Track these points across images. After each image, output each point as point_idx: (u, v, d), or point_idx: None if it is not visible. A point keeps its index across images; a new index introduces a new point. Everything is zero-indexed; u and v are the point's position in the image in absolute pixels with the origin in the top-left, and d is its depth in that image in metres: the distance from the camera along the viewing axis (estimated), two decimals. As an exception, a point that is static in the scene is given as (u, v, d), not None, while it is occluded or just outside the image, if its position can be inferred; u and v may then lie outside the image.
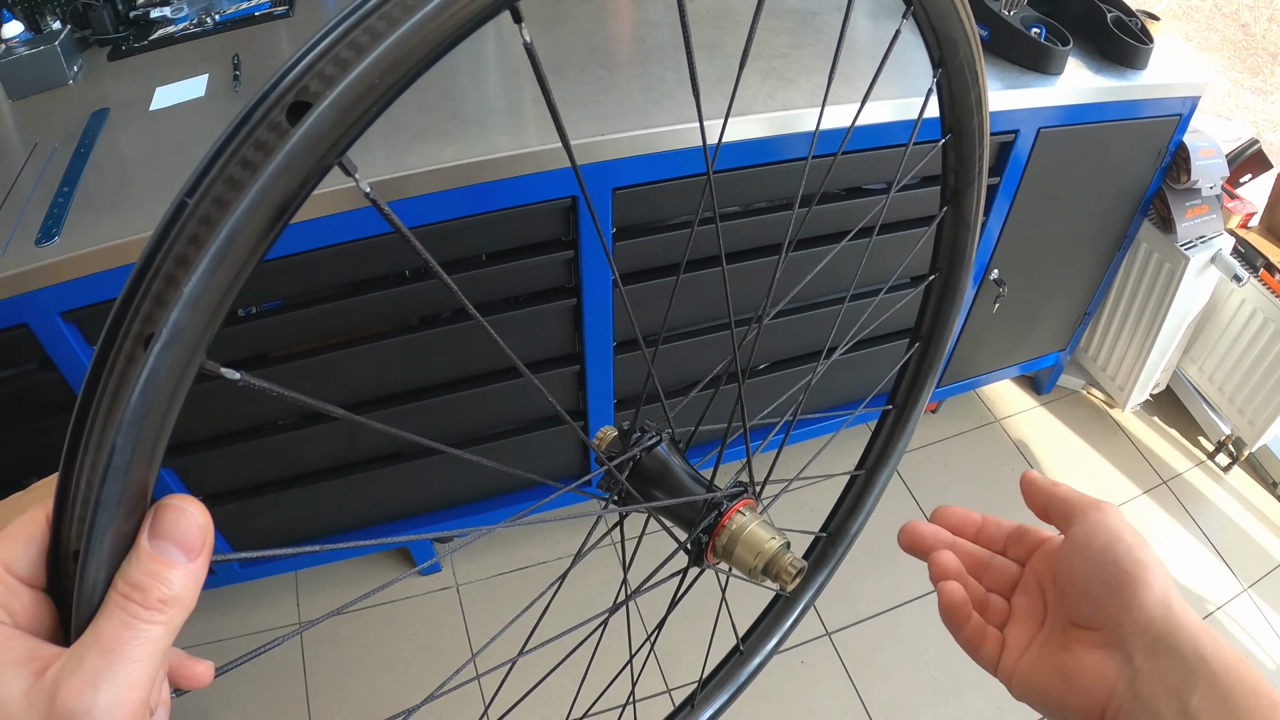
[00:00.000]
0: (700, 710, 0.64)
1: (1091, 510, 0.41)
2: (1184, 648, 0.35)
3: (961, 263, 0.60)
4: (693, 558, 0.50)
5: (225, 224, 0.22)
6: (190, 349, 0.23)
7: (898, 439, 0.66)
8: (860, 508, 0.67)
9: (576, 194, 1.09)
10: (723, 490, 0.49)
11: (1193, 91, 1.44)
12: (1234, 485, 1.84)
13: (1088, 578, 0.39)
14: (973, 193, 0.56)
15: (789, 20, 1.35)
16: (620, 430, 0.51)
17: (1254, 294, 1.63)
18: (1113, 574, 0.38)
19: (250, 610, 1.58)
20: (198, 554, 0.25)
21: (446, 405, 1.30)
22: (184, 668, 0.29)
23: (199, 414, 1.21)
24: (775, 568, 0.46)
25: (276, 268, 1.05)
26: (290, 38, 1.29)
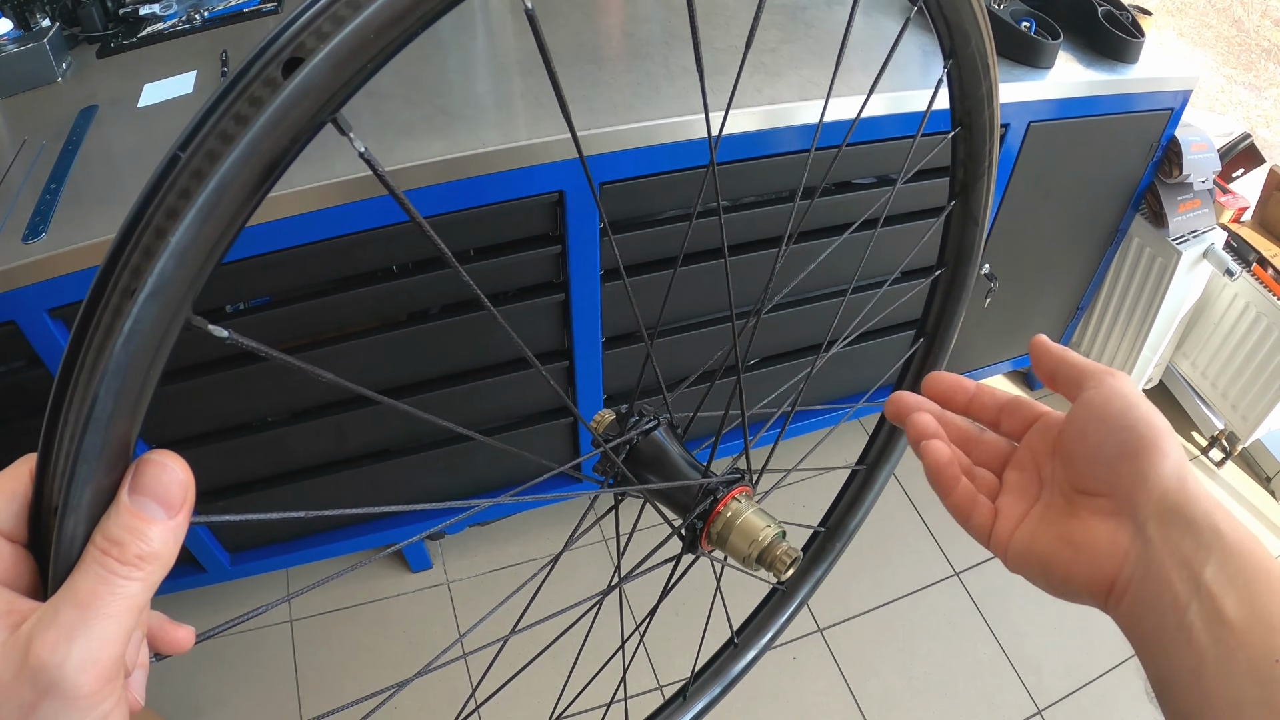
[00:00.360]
0: (692, 702, 0.64)
1: (1106, 376, 0.39)
2: (1199, 519, 0.34)
3: (969, 258, 0.60)
4: (687, 544, 0.49)
5: (214, 176, 0.22)
6: (176, 301, 0.23)
7: (900, 435, 0.66)
8: (860, 504, 0.67)
9: (564, 188, 1.09)
10: (719, 476, 0.48)
11: (1184, 85, 1.44)
12: (1227, 480, 1.84)
13: (1102, 442, 0.37)
14: (982, 186, 0.56)
15: (778, 15, 1.35)
16: (617, 414, 0.50)
17: (1246, 288, 1.63)
18: (1129, 439, 0.36)
19: (241, 607, 1.58)
20: (178, 510, 0.25)
21: (435, 402, 1.30)
22: (164, 632, 0.29)
23: (190, 411, 1.21)
24: (770, 556, 0.45)
25: (264, 263, 1.05)
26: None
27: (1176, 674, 0.33)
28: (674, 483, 0.47)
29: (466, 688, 1.39)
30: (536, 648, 0.55)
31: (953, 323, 0.62)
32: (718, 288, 1.34)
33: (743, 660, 0.66)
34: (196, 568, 1.43)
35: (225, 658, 1.51)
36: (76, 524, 0.24)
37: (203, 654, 1.52)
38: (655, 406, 0.50)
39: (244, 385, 1.19)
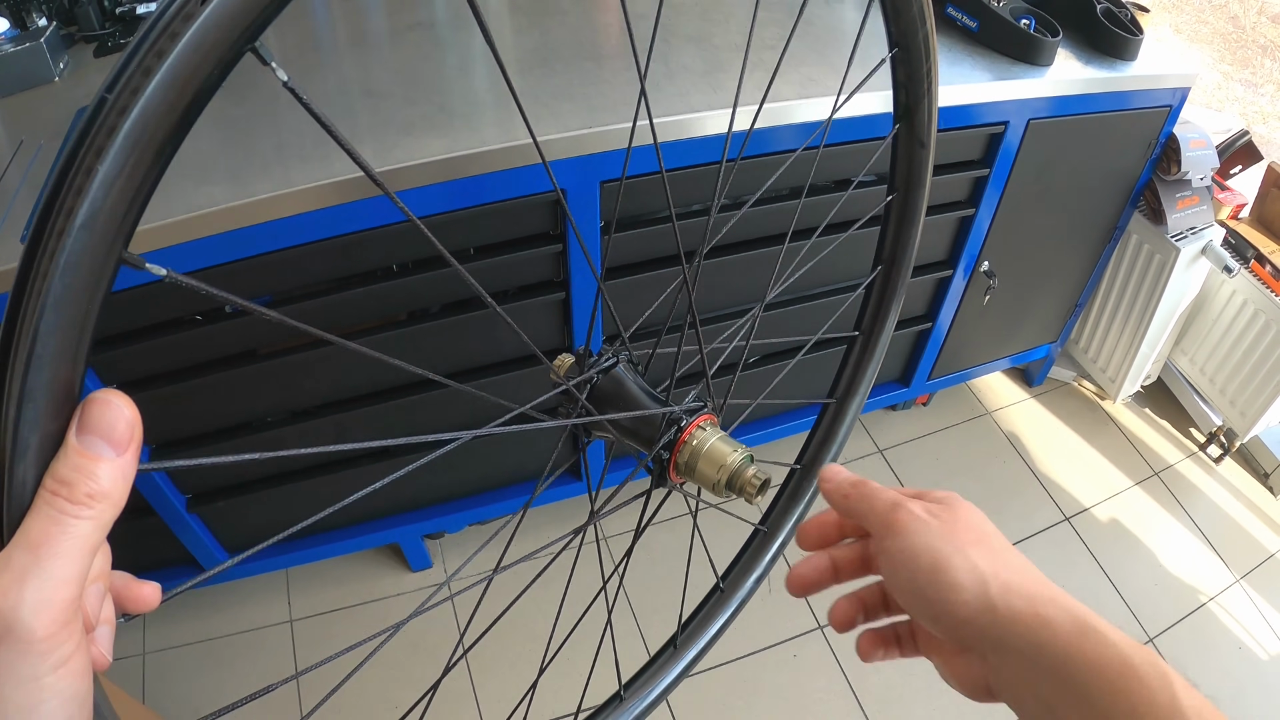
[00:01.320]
0: (683, 651, 0.63)
1: (884, 536, 0.40)
2: (1019, 646, 0.35)
3: (919, 182, 0.59)
4: (655, 477, 0.49)
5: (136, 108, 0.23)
6: (108, 233, 0.23)
7: (866, 366, 0.66)
8: (833, 438, 0.67)
9: (565, 187, 1.09)
10: (681, 406, 0.48)
11: (1183, 83, 1.44)
12: (1225, 476, 1.84)
13: (909, 607, 0.40)
14: (924, 108, 0.55)
15: (777, 12, 1.35)
16: (577, 356, 0.50)
17: (1244, 285, 1.64)
18: (923, 604, 0.38)
19: (241, 607, 1.58)
20: (125, 448, 0.25)
21: (434, 400, 1.30)
22: (129, 589, 0.29)
23: (189, 410, 1.20)
24: (740, 481, 0.45)
25: (264, 263, 1.05)
26: (277, 31, 1.28)
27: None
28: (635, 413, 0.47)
29: (452, 633, 1.39)
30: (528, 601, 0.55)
31: (908, 248, 0.62)
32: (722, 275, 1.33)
33: (731, 605, 0.65)
34: (197, 568, 1.43)
35: (225, 658, 1.51)
36: (26, 470, 0.24)
37: (203, 654, 1.52)
38: (615, 346, 0.50)
39: (243, 385, 1.18)
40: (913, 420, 1.93)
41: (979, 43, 1.35)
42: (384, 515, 1.50)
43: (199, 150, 1.05)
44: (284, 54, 1.23)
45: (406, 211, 0.33)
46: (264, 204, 1.00)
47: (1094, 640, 0.34)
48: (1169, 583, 1.65)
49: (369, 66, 1.19)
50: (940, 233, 1.50)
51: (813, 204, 1.30)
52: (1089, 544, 1.70)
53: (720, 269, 1.30)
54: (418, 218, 1.11)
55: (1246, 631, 1.57)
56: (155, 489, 1.26)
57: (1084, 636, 0.34)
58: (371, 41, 1.26)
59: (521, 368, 1.30)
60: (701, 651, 0.64)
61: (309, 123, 1.07)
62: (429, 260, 1.14)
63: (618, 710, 0.59)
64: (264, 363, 1.17)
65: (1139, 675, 0.32)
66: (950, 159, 1.38)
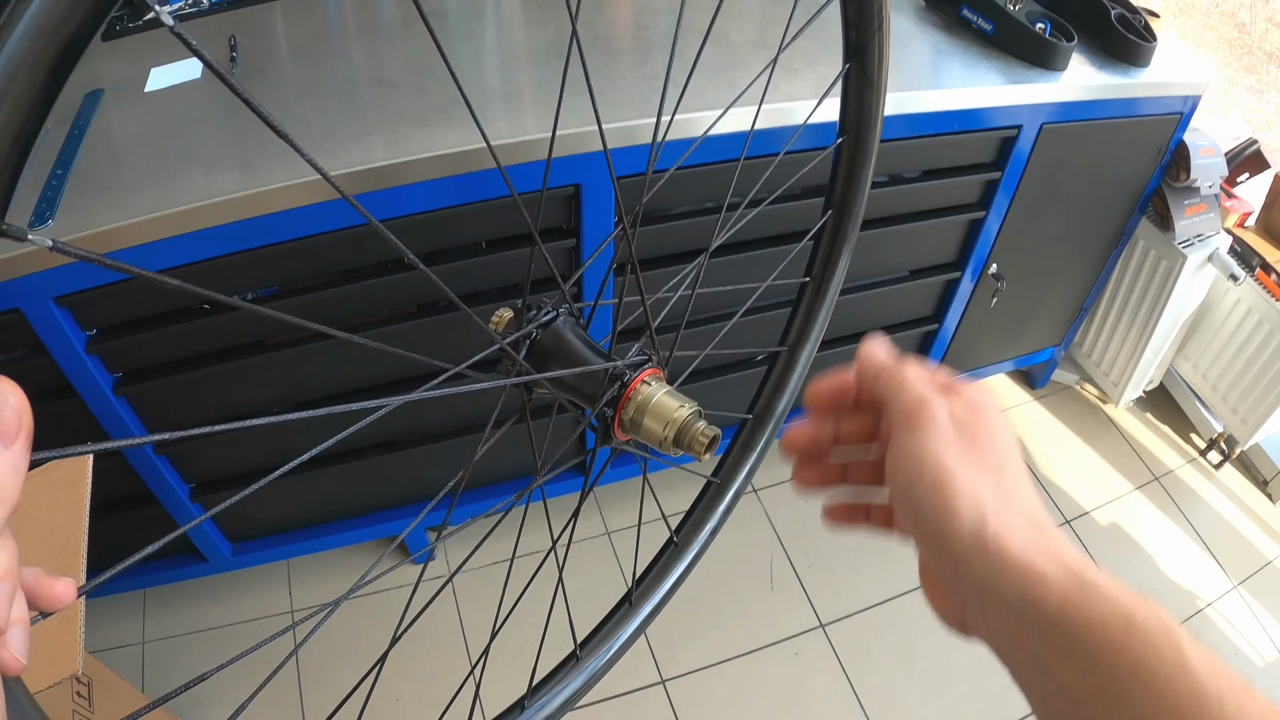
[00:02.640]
0: (639, 607, 0.61)
1: (899, 430, 0.37)
2: (1009, 596, 0.32)
3: (870, 124, 0.57)
4: (600, 435, 0.47)
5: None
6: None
7: (817, 312, 0.64)
8: (784, 386, 0.65)
9: (580, 182, 1.08)
10: (624, 360, 0.46)
11: (1194, 90, 1.44)
12: (1225, 483, 1.85)
13: (900, 515, 0.37)
14: (874, 47, 0.54)
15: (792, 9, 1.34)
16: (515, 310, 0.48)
17: (1249, 293, 1.64)
18: (916, 519, 0.35)
19: (242, 598, 1.57)
20: (13, 439, 0.23)
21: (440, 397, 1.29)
22: (42, 586, 0.26)
23: (193, 401, 1.19)
24: (688, 436, 0.43)
25: (273, 254, 1.04)
26: (286, 18, 1.27)
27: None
28: (576, 370, 0.45)
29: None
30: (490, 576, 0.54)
31: (859, 193, 0.60)
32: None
33: (685, 558, 0.63)
34: (198, 558, 1.42)
35: (226, 649, 1.51)
36: None
37: (203, 643, 1.51)
38: (554, 299, 0.48)
39: (248, 376, 1.17)
40: (915, 421, 1.93)
41: (994, 46, 1.35)
42: (387, 507, 1.49)
43: (209, 140, 1.04)
44: (293, 41, 1.22)
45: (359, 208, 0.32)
46: (273, 194, 0.99)
47: (1092, 595, 0.31)
48: (1167, 587, 1.66)
49: (381, 56, 1.18)
50: (950, 235, 1.50)
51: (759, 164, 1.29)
52: (1089, 547, 1.71)
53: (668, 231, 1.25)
54: (431, 211, 1.10)
55: (1243, 637, 1.58)
56: (158, 478, 1.25)
57: (1081, 591, 0.31)
58: (383, 31, 1.25)
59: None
60: (657, 606, 0.62)
61: (319, 114, 1.07)
62: (440, 253, 1.13)
63: (574, 670, 0.57)
64: (271, 353, 1.16)
65: (1143, 630, 0.29)
66: (963, 161, 1.38)
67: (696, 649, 1.51)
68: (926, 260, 1.53)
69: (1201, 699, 0.28)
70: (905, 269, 1.54)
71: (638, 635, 0.60)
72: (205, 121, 1.07)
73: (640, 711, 1.44)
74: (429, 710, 1.44)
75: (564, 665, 0.57)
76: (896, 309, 1.60)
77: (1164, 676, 0.28)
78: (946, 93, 1.24)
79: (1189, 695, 0.28)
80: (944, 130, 1.28)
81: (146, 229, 0.97)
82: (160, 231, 0.97)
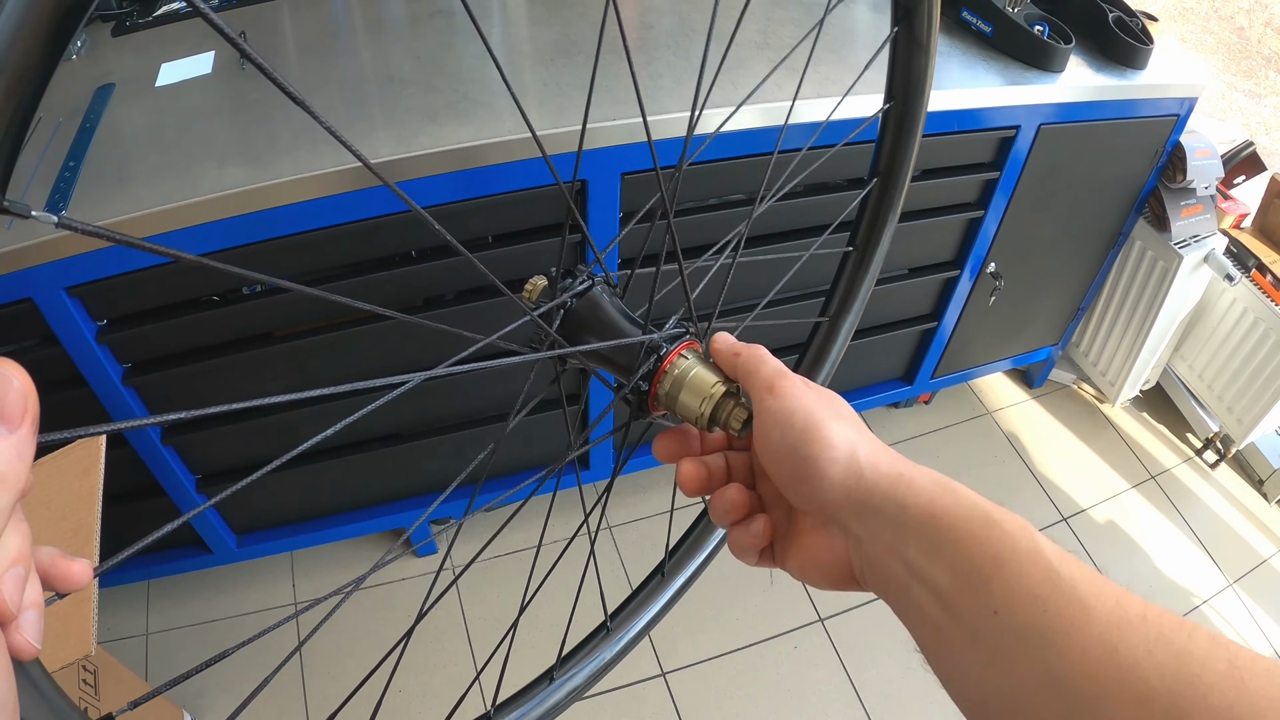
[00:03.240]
0: (672, 578, 0.60)
1: (764, 396, 0.39)
2: (885, 507, 0.35)
3: (919, 89, 0.56)
4: (634, 409, 0.45)
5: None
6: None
7: (860, 282, 0.63)
8: (824, 358, 0.64)
9: (586, 178, 1.10)
10: (662, 333, 0.44)
11: (1191, 93, 1.45)
12: (1221, 482, 1.87)
13: (778, 471, 0.39)
14: (924, 9, 0.52)
15: (795, 11, 1.36)
16: (549, 278, 0.46)
17: (1245, 294, 1.66)
18: (794, 464, 0.37)
19: (246, 590, 1.58)
20: (18, 423, 0.23)
21: (449, 385, 1.31)
22: (57, 568, 0.26)
23: (201, 391, 1.21)
24: (724, 413, 0.42)
25: (283, 246, 1.05)
26: (294, 16, 1.29)
27: (925, 643, 0.34)
28: (609, 343, 0.44)
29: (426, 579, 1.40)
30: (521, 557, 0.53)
31: (905, 161, 0.59)
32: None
33: (718, 532, 0.62)
34: (203, 549, 1.44)
35: (229, 641, 1.52)
36: None
37: (206, 636, 1.52)
38: (589, 267, 0.47)
39: (256, 367, 1.19)
40: (914, 418, 1.95)
41: (993, 47, 1.36)
42: (391, 500, 1.51)
43: (220, 134, 1.06)
44: (302, 39, 1.24)
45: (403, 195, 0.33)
46: (284, 187, 1.00)
47: (954, 495, 0.34)
48: (1163, 585, 1.67)
49: (390, 54, 1.19)
50: (948, 234, 1.51)
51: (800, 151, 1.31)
52: (1085, 544, 1.72)
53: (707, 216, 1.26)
54: (437, 205, 1.12)
55: (1239, 635, 1.60)
56: (165, 469, 1.26)
57: (945, 492, 0.34)
58: (391, 29, 1.26)
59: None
60: (691, 578, 0.61)
61: (332, 107, 1.08)
62: (446, 247, 1.15)
63: (605, 641, 0.56)
64: (278, 345, 1.18)
65: (1000, 525, 0.32)
66: (961, 161, 1.39)
67: (697, 642, 1.53)
68: (925, 258, 1.55)
69: (1055, 580, 0.30)
70: (905, 267, 1.55)
71: (668, 609, 0.59)
72: (215, 116, 1.09)
73: (641, 703, 1.46)
74: (432, 701, 1.45)
75: (594, 635, 0.57)
76: (896, 306, 1.61)
77: (1020, 564, 0.31)
78: (946, 93, 1.26)
79: (1044, 579, 0.30)
80: (943, 130, 1.30)
81: (158, 220, 0.98)
82: (172, 223, 0.99)
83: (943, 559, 0.33)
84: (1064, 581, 0.30)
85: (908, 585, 0.34)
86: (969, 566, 0.32)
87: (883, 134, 0.58)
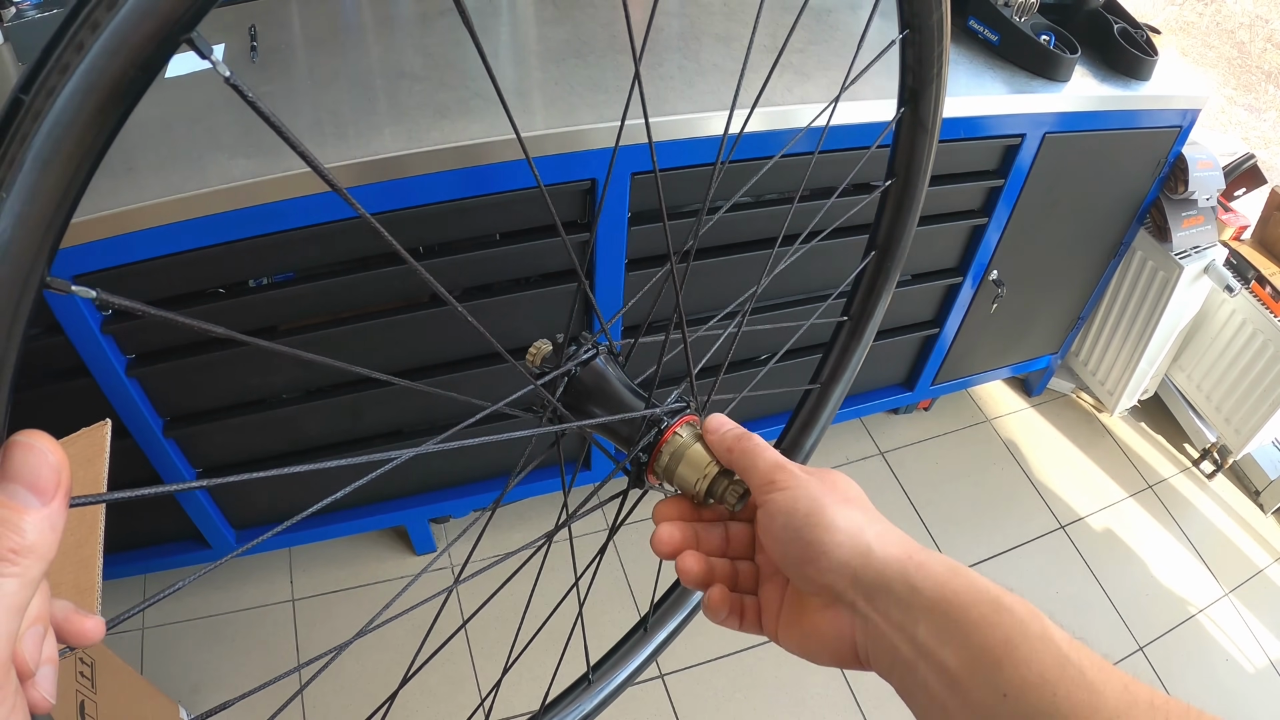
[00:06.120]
0: (654, 633, 0.62)
1: (768, 489, 0.40)
2: (894, 586, 0.36)
3: (919, 168, 0.58)
4: (633, 478, 0.47)
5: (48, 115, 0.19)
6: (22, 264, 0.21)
7: (852, 352, 0.65)
8: (814, 423, 0.66)
9: (596, 176, 1.10)
10: (663, 406, 0.45)
11: (1193, 104, 1.47)
12: (1217, 492, 1.88)
13: (783, 555, 0.40)
14: (931, 92, 0.54)
15: (804, 17, 1.37)
16: (555, 344, 0.48)
17: (1244, 305, 1.67)
18: (799, 549, 0.38)
19: (243, 586, 1.58)
20: (52, 496, 0.23)
21: (454, 384, 1.30)
22: (71, 623, 0.27)
23: (204, 385, 1.20)
24: (720, 488, 0.43)
25: (290, 239, 1.05)
26: (303, 11, 1.29)
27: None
28: (614, 416, 0.45)
29: (421, 631, 1.39)
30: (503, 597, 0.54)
31: (903, 237, 0.60)
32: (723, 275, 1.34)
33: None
34: (202, 544, 1.43)
35: (226, 635, 1.51)
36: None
37: (203, 631, 1.52)
38: (594, 335, 0.48)
39: (260, 361, 1.19)
40: (914, 424, 1.95)
41: (999, 56, 1.37)
42: (390, 498, 1.50)
43: (230, 126, 1.06)
44: (311, 36, 1.24)
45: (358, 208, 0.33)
46: (294, 180, 1.00)
47: (965, 578, 0.35)
48: (1160, 594, 1.68)
49: (401, 50, 1.19)
50: (952, 240, 1.52)
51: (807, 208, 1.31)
52: (1082, 553, 1.73)
53: (711, 269, 1.30)
54: (447, 201, 1.12)
55: (1234, 644, 1.61)
56: (166, 461, 1.26)
57: (955, 575, 0.35)
58: (401, 25, 1.26)
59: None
60: (673, 633, 0.63)
61: (343, 101, 1.08)
62: (455, 243, 1.15)
63: (586, 692, 0.58)
64: (284, 339, 1.17)
65: (1010, 609, 0.33)
66: (966, 168, 1.40)
67: (695, 644, 1.53)
68: (929, 265, 1.55)
69: (1064, 665, 0.31)
70: (908, 273, 1.56)
71: (649, 663, 0.61)
72: (225, 108, 1.09)
73: (639, 705, 1.46)
74: (429, 700, 1.45)
75: (576, 686, 0.58)
76: (898, 312, 1.62)
77: (1031, 648, 0.32)
78: (952, 100, 1.26)
79: (1054, 663, 0.31)
80: (949, 137, 1.31)
81: (167, 210, 0.98)
82: (181, 213, 0.99)
83: (953, 640, 0.33)
84: (1073, 666, 0.31)
85: (915, 665, 0.34)
86: (980, 649, 0.33)
87: (881, 210, 0.60)
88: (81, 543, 0.87)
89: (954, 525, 1.72)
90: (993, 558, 1.67)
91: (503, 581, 0.56)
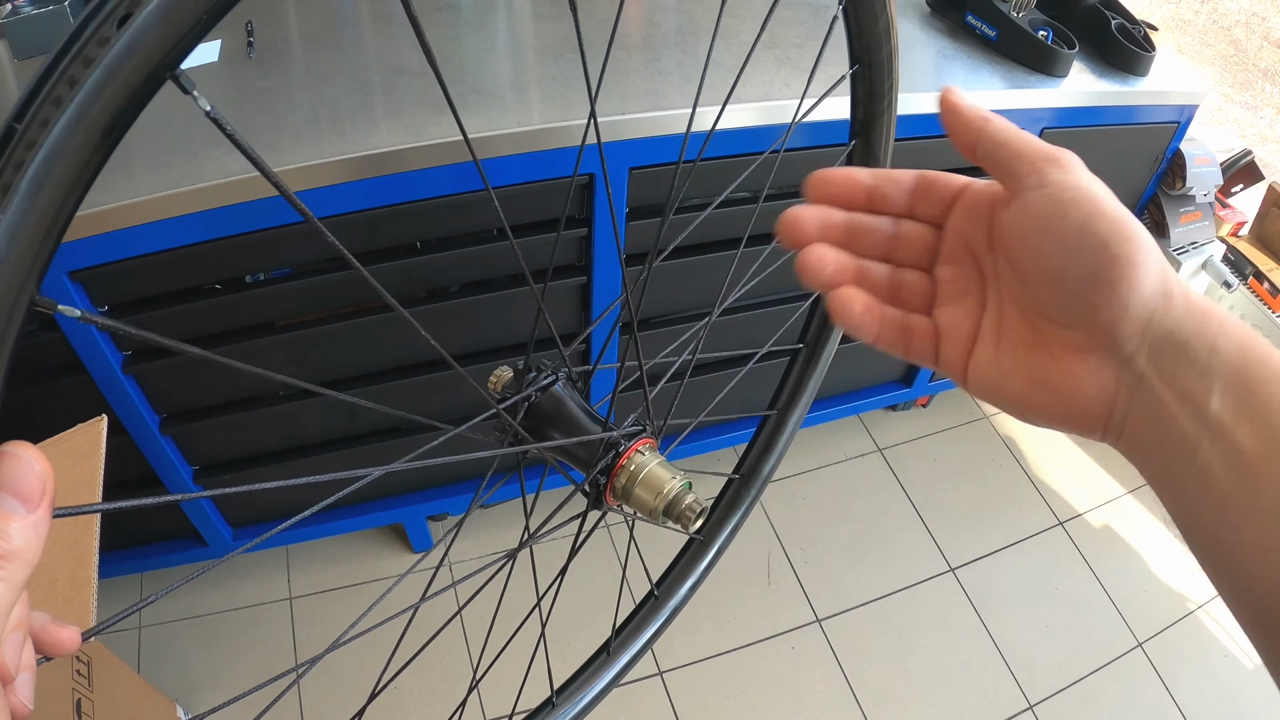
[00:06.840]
0: (616, 657, 0.63)
1: (1051, 168, 0.31)
2: (1193, 342, 0.28)
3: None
4: (591, 500, 0.49)
5: (44, 145, 0.21)
6: (15, 281, 0.21)
7: (809, 378, 0.65)
8: (772, 449, 0.66)
9: (594, 172, 1.10)
10: (620, 430, 0.47)
11: (1191, 100, 1.47)
12: (1215, 488, 1.88)
13: (1064, 267, 0.30)
14: (882, 124, 0.54)
15: (801, 12, 1.37)
16: (515, 371, 0.50)
17: (1242, 301, 1.67)
18: (1098, 261, 0.29)
19: (241, 584, 1.57)
20: (37, 504, 0.24)
21: (444, 381, 1.30)
22: (48, 633, 0.27)
23: (200, 382, 1.20)
24: (677, 509, 0.44)
25: (286, 234, 1.05)
26: (301, 6, 1.28)
27: (1199, 516, 0.28)
28: (572, 439, 0.47)
29: (383, 654, 1.39)
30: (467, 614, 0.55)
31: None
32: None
33: (664, 612, 0.65)
34: (199, 542, 1.42)
35: (223, 634, 1.51)
36: None
37: (200, 629, 1.51)
38: (554, 361, 0.50)
39: (256, 358, 1.18)
40: (912, 421, 1.95)
41: (997, 52, 1.37)
42: (388, 495, 1.50)
43: (230, 120, 1.05)
44: (308, 32, 1.23)
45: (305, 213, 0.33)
46: (293, 174, 1.00)
47: (1267, 347, 0.28)
48: (1159, 589, 1.68)
49: (398, 45, 1.19)
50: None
51: (771, 209, 1.31)
52: (1081, 548, 1.73)
53: (673, 271, 1.29)
54: (445, 196, 1.11)
55: (1233, 640, 1.61)
56: (163, 459, 1.25)
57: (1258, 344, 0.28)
58: (398, 21, 1.26)
59: (540, 351, 1.30)
60: (635, 657, 0.63)
61: (340, 97, 1.08)
62: (453, 238, 1.15)
63: (549, 715, 0.59)
64: (280, 335, 1.17)
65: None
66: (965, 164, 1.40)
67: (694, 642, 1.52)
68: (927, 261, 1.55)
69: None
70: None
71: (611, 687, 0.62)
72: (223, 104, 1.09)
73: (638, 702, 1.45)
74: (428, 698, 1.44)
75: (540, 710, 0.59)
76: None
77: None
78: (951, 95, 1.26)
79: None
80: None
81: (163, 206, 0.98)
82: (177, 208, 0.98)
83: (1256, 416, 0.27)
84: None
85: (1196, 445, 0.28)
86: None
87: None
88: (78, 538, 0.87)
89: (952, 522, 1.72)
90: (991, 554, 1.67)
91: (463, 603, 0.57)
